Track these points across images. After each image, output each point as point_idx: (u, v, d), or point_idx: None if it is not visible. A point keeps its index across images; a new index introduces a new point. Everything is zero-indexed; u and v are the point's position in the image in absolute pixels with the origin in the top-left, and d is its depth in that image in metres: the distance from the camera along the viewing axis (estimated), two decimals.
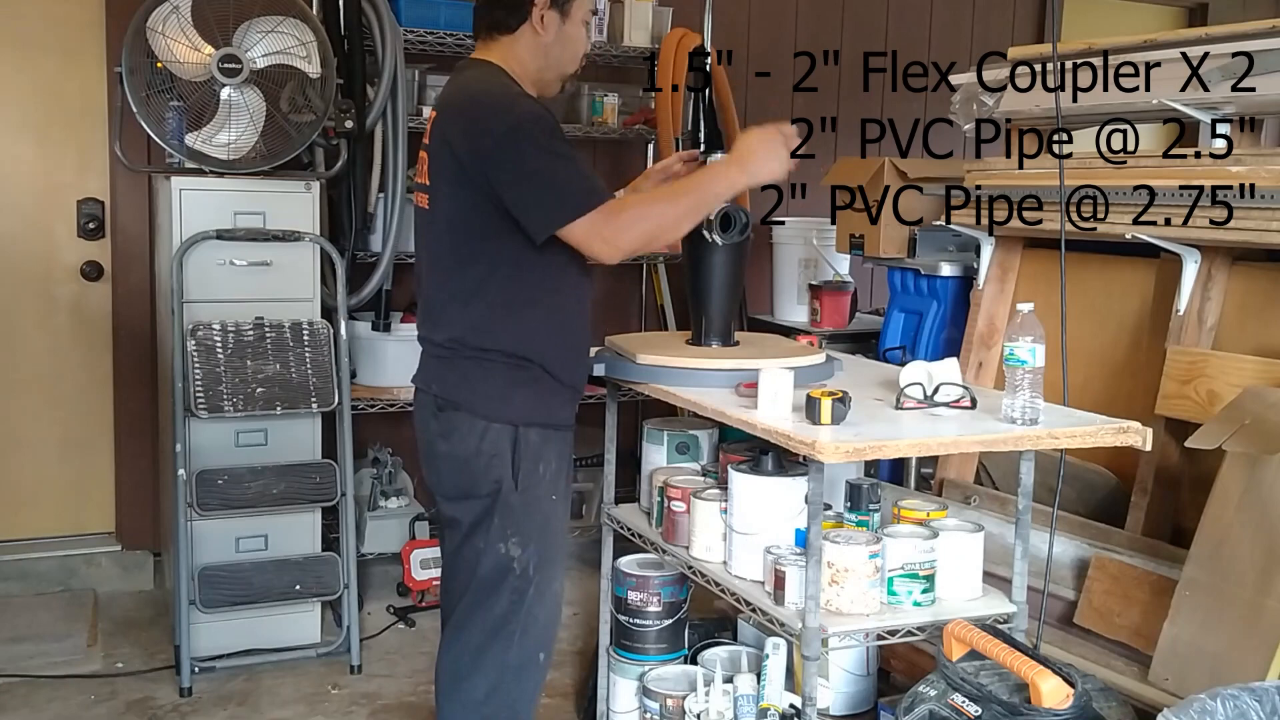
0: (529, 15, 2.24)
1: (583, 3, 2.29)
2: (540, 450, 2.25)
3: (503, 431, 2.22)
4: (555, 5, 2.25)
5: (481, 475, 2.23)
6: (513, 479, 2.23)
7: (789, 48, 4.85)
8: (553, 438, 2.28)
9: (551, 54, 2.29)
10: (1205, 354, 2.61)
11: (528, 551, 2.25)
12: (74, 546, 4.04)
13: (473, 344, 2.23)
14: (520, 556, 2.25)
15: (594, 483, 4.18)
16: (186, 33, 3.18)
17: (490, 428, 2.22)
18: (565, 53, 2.31)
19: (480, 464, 2.23)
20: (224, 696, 3.22)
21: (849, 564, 2.05)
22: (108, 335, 4.06)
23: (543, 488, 2.27)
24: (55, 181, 3.97)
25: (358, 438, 3.59)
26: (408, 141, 3.81)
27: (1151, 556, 2.55)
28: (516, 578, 2.26)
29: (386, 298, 3.90)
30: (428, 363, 2.35)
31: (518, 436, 2.22)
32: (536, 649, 2.31)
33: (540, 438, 2.25)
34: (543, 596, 2.30)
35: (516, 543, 2.24)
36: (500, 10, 2.27)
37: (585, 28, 2.33)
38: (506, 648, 2.28)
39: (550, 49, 2.28)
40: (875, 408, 2.16)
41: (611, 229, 2.12)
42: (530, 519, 2.26)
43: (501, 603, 2.26)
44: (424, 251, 2.37)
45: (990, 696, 1.88)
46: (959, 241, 3.43)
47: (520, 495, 2.24)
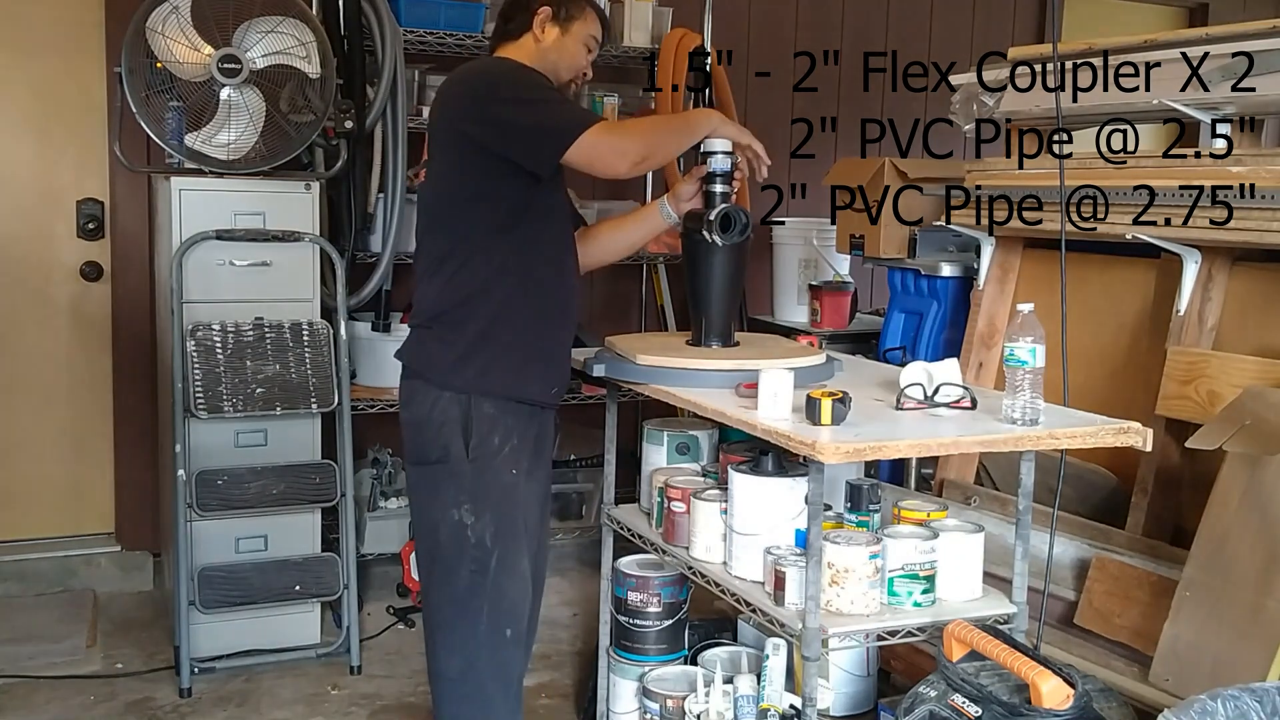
0: (531, 24, 2.41)
1: (584, 25, 2.45)
2: (496, 421, 2.30)
3: (453, 400, 2.29)
4: (556, 19, 2.42)
5: (431, 441, 2.31)
6: (464, 446, 2.29)
7: (789, 48, 4.84)
8: (512, 410, 2.33)
9: (548, 59, 2.42)
10: (1205, 354, 2.61)
11: (483, 520, 2.30)
12: (73, 547, 4.04)
13: (435, 314, 2.35)
14: (474, 525, 2.29)
15: (594, 483, 4.18)
16: (186, 33, 3.18)
17: (442, 396, 2.30)
18: (561, 62, 2.44)
19: (431, 431, 2.31)
20: (224, 697, 3.22)
21: (849, 565, 2.05)
22: (107, 336, 4.06)
23: (500, 459, 2.31)
24: (55, 182, 3.97)
25: (357, 438, 3.59)
26: (407, 141, 3.82)
27: (1152, 557, 2.55)
28: (473, 547, 2.30)
29: (386, 298, 3.90)
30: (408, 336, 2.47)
31: (470, 405, 2.29)
32: (504, 625, 2.34)
33: (496, 409, 2.31)
34: (508, 571, 2.33)
35: (469, 509, 2.29)
36: (505, 21, 2.46)
37: (584, 50, 2.47)
38: (476, 622, 2.31)
39: (546, 53, 2.42)
40: (875, 408, 2.16)
41: (616, 136, 2.29)
42: (484, 488, 2.30)
43: (463, 574, 2.31)
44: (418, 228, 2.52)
45: (990, 697, 1.88)
46: (959, 242, 3.43)
47: (472, 464, 2.29)
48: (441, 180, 2.38)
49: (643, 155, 2.31)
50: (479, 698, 2.35)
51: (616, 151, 2.27)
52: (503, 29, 2.46)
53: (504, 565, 2.32)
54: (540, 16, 2.40)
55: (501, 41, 2.46)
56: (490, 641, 2.33)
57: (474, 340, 2.30)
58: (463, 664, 2.33)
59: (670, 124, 2.50)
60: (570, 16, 2.43)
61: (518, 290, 2.32)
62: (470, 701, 2.35)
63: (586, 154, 2.23)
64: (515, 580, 2.35)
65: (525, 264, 2.33)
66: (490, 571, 2.31)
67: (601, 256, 2.63)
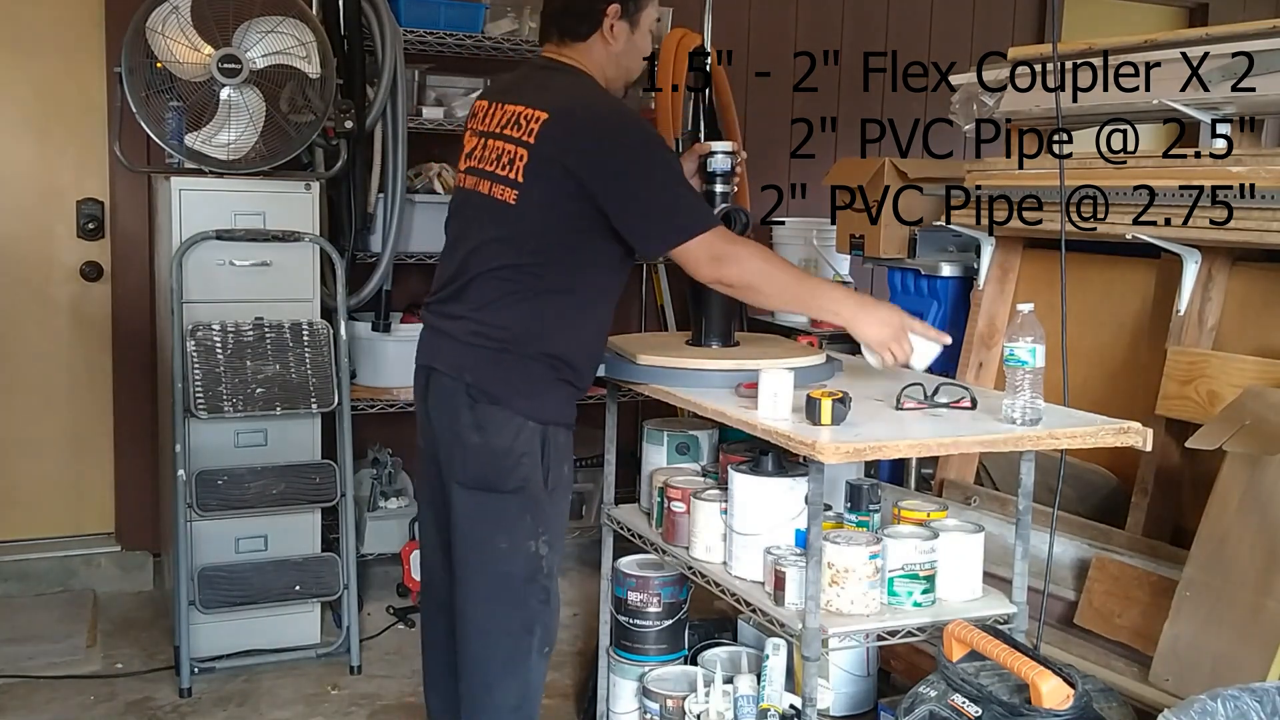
0: (600, 25, 2.29)
1: (650, 11, 2.35)
2: (565, 451, 2.30)
3: (536, 430, 2.24)
4: (625, 15, 2.30)
5: (510, 471, 2.24)
6: (543, 478, 2.25)
7: (789, 48, 4.84)
8: (571, 439, 2.34)
9: (621, 63, 2.35)
10: (1205, 354, 2.61)
11: (555, 550, 2.29)
12: (74, 547, 4.03)
13: (521, 340, 2.24)
14: (548, 555, 2.28)
15: (594, 483, 4.18)
16: (186, 33, 3.18)
17: (526, 425, 2.23)
18: (634, 61, 2.38)
19: (511, 461, 2.23)
20: (224, 697, 3.22)
21: (849, 565, 2.05)
22: (107, 336, 4.06)
23: (563, 487, 2.32)
24: (55, 182, 3.97)
25: (357, 438, 3.59)
26: (408, 141, 3.82)
27: (1152, 557, 2.55)
28: (545, 577, 2.28)
29: (386, 298, 3.90)
30: (455, 349, 2.29)
31: (546, 436, 2.25)
32: (547, 646, 2.35)
33: (565, 438, 2.30)
34: (556, 592, 2.35)
35: (545, 541, 2.27)
36: (571, 19, 2.31)
37: (649, 37, 2.38)
38: (529, 649, 2.30)
39: (620, 58, 2.34)
40: (875, 408, 2.16)
41: (725, 251, 2.17)
42: (557, 518, 2.31)
43: (531, 604, 2.28)
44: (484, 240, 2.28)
45: (990, 697, 1.88)
46: (959, 242, 3.43)
47: (549, 494, 2.27)
48: (544, 211, 2.21)
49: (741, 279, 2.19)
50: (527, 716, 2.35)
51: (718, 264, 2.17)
52: (573, 29, 2.30)
53: (556, 587, 2.34)
54: (610, 16, 2.28)
55: (566, 39, 2.32)
56: (540, 665, 2.34)
57: (557, 373, 2.26)
58: (520, 693, 2.31)
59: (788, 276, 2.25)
60: (639, 8, 2.31)
61: (586, 329, 2.31)
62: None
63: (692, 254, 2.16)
64: (558, 600, 2.37)
65: (598, 306, 2.32)
66: (552, 598, 2.31)
67: None
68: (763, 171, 4.49)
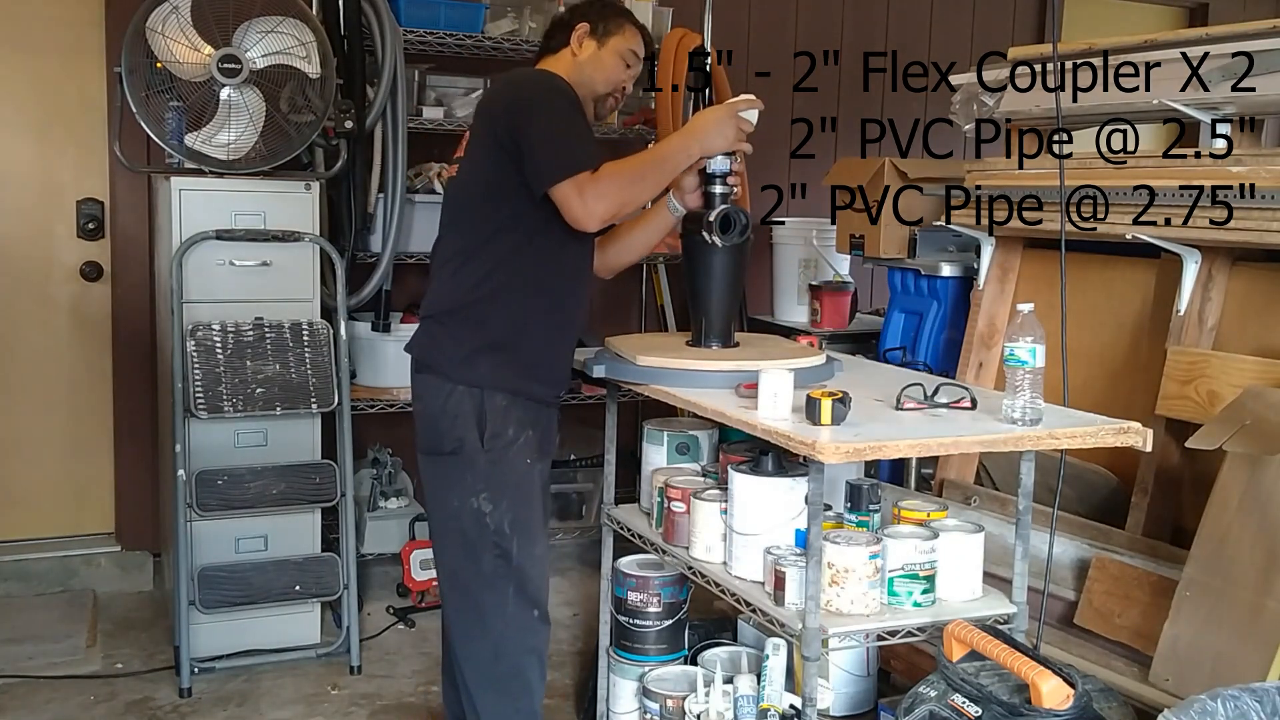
0: (569, 39, 2.51)
1: (623, 40, 2.52)
2: (509, 413, 2.37)
3: (466, 393, 2.35)
4: (594, 34, 2.51)
5: (446, 433, 2.37)
6: (479, 438, 2.34)
7: (789, 48, 4.85)
8: (522, 404, 2.39)
9: (583, 73, 2.48)
10: (1205, 354, 2.61)
11: (500, 508, 2.36)
12: (74, 547, 4.04)
13: (449, 308, 2.40)
14: (493, 512, 2.36)
15: (594, 483, 4.18)
16: (186, 33, 3.18)
17: (455, 389, 2.35)
18: (596, 76, 2.51)
19: (445, 423, 2.36)
20: (224, 697, 3.22)
21: (849, 564, 2.05)
22: (107, 335, 4.06)
23: (514, 450, 2.38)
24: (55, 181, 3.97)
25: (357, 438, 3.59)
26: (408, 141, 3.82)
27: (1152, 557, 2.55)
28: (493, 534, 2.37)
29: (386, 298, 3.90)
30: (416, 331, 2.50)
31: (484, 399, 2.35)
32: (531, 605, 2.41)
33: (508, 401, 2.37)
34: (528, 555, 2.40)
35: (487, 498, 2.36)
36: (551, 37, 2.56)
37: (622, 65, 2.53)
38: (502, 605, 2.38)
39: (582, 68, 2.49)
40: (875, 408, 2.16)
41: (593, 190, 2.26)
42: (500, 477, 2.37)
43: (488, 558, 2.37)
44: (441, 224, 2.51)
45: (990, 697, 1.88)
46: (959, 242, 3.43)
47: (487, 454, 2.35)
48: (471, 179, 2.41)
49: (611, 214, 2.32)
50: (516, 677, 2.42)
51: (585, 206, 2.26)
52: (550, 46, 2.55)
53: (524, 550, 2.39)
54: (578, 32, 2.49)
55: (543, 56, 2.56)
56: (518, 622, 2.40)
57: (485, 339, 2.36)
58: (493, 647, 2.40)
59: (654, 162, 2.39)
60: (608, 32, 2.50)
61: (532, 298, 2.38)
62: (508, 681, 2.42)
63: (561, 199, 2.27)
64: (535, 564, 2.42)
65: (543, 274, 2.38)
66: (512, 556, 2.37)
67: (625, 258, 2.67)
68: (763, 171, 4.50)
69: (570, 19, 2.53)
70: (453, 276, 2.40)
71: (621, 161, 2.39)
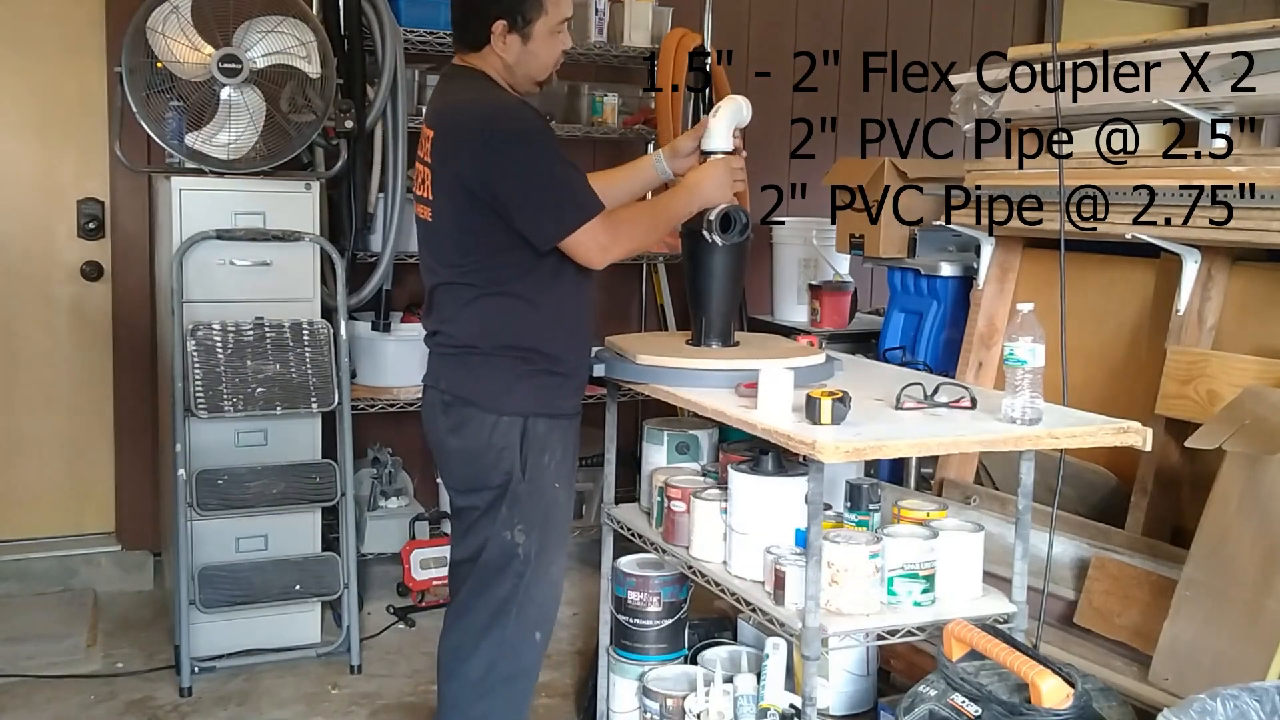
0: (489, 39, 2.33)
1: (547, 20, 2.34)
2: (546, 440, 2.35)
3: (512, 424, 2.32)
4: (514, 30, 2.32)
5: (492, 467, 2.34)
6: (520, 470, 2.32)
7: (789, 48, 4.84)
8: (557, 426, 2.38)
9: (518, 69, 2.38)
10: (1205, 354, 2.61)
11: (531, 538, 2.36)
12: (74, 546, 4.04)
13: (481, 342, 2.34)
14: (524, 543, 2.36)
15: (594, 483, 4.18)
16: (186, 33, 3.18)
17: (500, 421, 2.32)
18: (533, 66, 2.38)
19: (491, 457, 2.33)
20: (224, 696, 3.22)
21: (849, 564, 2.05)
22: (108, 335, 4.06)
23: (547, 477, 2.37)
24: (55, 181, 3.97)
25: (358, 438, 3.59)
26: (408, 141, 3.82)
27: (1151, 556, 2.55)
28: (520, 563, 2.36)
29: (386, 298, 3.90)
30: (435, 361, 2.45)
31: (526, 428, 2.33)
32: (533, 628, 2.41)
33: (546, 427, 2.35)
34: (540, 578, 2.39)
35: (521, 529, 2.35)
36: (465, 33, 2.38)
37: (555, 39, 2.38)
38: (504, 626, 2.38)
39: (515, 66, 2.37)
40: (875, 408, 2.16)
41: (607, 238, 2.27)
42: (535, 507, 2.36)
43: (504, 586, 2.36)
44: (428, 258, 2.45)
45: (990, 696, 1.88)
46: (959, 241, 3.43)
47: (527, 485, 2.34)
48: (457, 226, 2.33)
49: (625, 255, 2.37)
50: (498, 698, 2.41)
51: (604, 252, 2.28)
52: (469, 42, 2.36)
53: (537, 573, 2.38)
54: (497, 32, 2.30)
55: (464, 51, 2.38)
56: (515, 645, 2.39)
57: (517, 365, 2.33)
58: (485, 665, 2.39)
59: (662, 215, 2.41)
60: (529, 21, 2.31)
61: (549, 317, 2.36)
62: (486, 700, 2.40)
63: (574, 246, 2.26)
64: (546, 586, 2.42)
65: (553, 295, 2.35)
66: (525, 580, 2.37)
67: None
68: (763, 171, 4.49)
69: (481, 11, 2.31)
70: (469, 311, 2.34)
71: (631, 211, 2.42)
